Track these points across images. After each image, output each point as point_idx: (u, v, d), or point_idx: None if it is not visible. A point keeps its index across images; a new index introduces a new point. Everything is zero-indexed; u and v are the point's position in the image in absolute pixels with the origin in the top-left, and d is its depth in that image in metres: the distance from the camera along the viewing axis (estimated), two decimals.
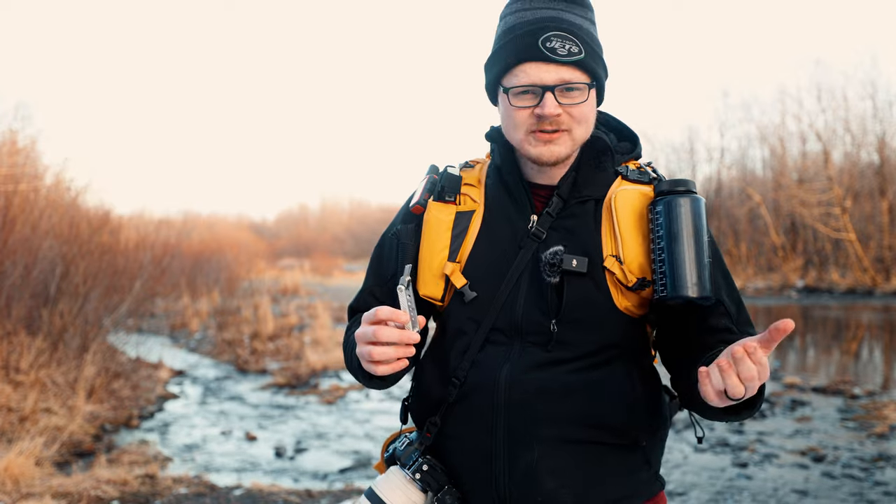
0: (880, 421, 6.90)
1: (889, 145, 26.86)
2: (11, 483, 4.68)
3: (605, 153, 1.39)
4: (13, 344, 7.10)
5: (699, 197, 1.30)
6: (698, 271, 1.25)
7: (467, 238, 1.37)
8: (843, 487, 5.12)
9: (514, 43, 1.30)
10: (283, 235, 58.44)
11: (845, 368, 10.29)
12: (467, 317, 1.35)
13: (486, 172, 1.44)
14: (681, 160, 34.89)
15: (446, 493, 1.33)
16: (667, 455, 5.93)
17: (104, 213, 10.59)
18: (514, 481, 1.29)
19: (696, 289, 1.25)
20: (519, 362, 1.30)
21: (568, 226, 1.35)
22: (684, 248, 1.25)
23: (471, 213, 1.39)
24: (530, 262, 1.33)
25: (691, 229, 1.26)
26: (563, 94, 1.28)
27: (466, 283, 1.34)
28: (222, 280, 18.87)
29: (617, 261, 1.30)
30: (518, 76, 1.29)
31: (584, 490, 1.31)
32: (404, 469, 1.36)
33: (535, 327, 1.31)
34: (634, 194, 1.34)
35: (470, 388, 1.33)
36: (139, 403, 7.78)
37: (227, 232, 37.88)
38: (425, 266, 1.37)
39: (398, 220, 1.47)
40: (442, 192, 1.39)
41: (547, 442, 1.29)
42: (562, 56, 1.27)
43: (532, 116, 1.30)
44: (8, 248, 7.29)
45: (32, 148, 9.24)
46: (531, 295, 1.32)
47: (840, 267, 27.09)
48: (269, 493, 4.88)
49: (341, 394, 8.59)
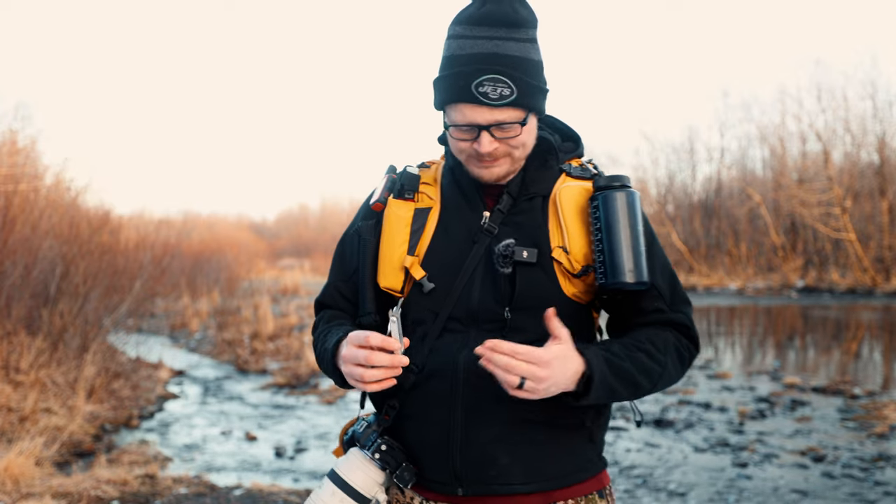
0: (880, 421, 6.90)
1: (889, 145, 26.87)
2: (11, 483, 4.68)
3: (550, 153, 1.49)
4: (13, 344, 7.10)
5: (634, 191, 1.40)
6: (634, 259, 1.36)
7: (425, 233, 1.47)
8: (843, 487, 5.12)
9: (451, 81, 1.38)
10: (283, 235, 58.43)
11: (845, 368, 10.30)
12: (425, 307, 1.44)
13: (441, 172, 1.54)
14: (681, 160, 34.91)
15: (404, 469, 1.41)
16: (667, 455, 5.94)
17: (104, 213, 10.60)
18: (470, 457, 1.38)
19: (632, 275, 1.36)
20: (476, 347, 1.37)
21: (517, 221, 1.45)
22: (620, 238, 1.36)
23: (428, 209, 1.49)
24: (484, 255, 1.43)
25: (626, 220, 1.37)
26: (498, 131, 1.38)
27: (425, 276, 1.43)
28: (222, 280, 18.88)
29: (563, 251, 1.41)
30: (456, 114, 1.39)
31: (535, 466, 1.40)
32: (364, 450, 1.43)
33: (490, 315, 1.41)
34: (577, 190, 1.45)
35: (429, 372, 1.41)
36: (139, 403, 7.78)
37: (227, 232, 37.90)
38: (386, 259, 1.46)
39: (359, 218, 1.56)
40: (402, 190, 1.50)
41: (502, 421, 1.38)
42: (493, 100, 1.35)
43: (472, 147, 1.40)
44: (8, 248, 7.29)
45: (32, 148, 9.25)
46: (486, 285, 1.42)
47: (840, 267, 27.09)
48: (269, 493, 4.88)
49: (341, 394, 8.59)
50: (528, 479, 1.39)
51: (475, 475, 1.38)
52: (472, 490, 1.39)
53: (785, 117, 30.34)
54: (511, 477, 1.38)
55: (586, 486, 1.45)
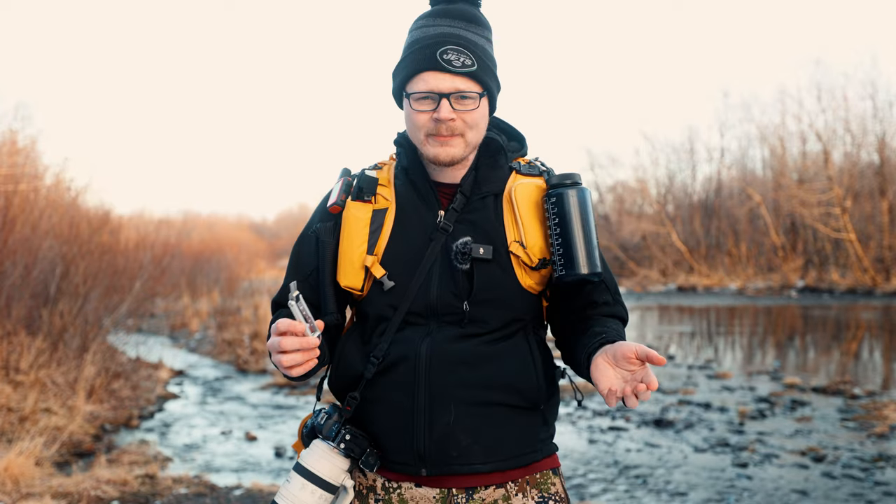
0: (880, 421, 6.90)
1: (889, 145, 26.87)
2: (11, 483, 4.68)
3: (500, 152, 1.57)
4: (13, 344, 7.10)
5: (585, 188, 1.49)
6: (588, 252, 1.45)
7: (383, 233, 1.52)
8: (843, 487, 5.12)
9: (416, 54, 1.47)
10: (283, 235, 58.37)
11: (845, 368, 10.30)
12: (386, 303, 1.50)
13: (393, 173, 1.59)
14: (681, 160, 34.92)
15: (369, 455, 1.48)
16: (667, 455, 5.94)
17: (104, 213, 10.61)
18: (432, 439, 1.44)
19: (587, 267, 1.45)
20: (438, 336, 1.47)
21: (471, 219, 1.52)
22: (575, 232, 1.45)
23: (384, 210, 1.54)
24: (441, 251, 1.50)
25: (580, 216, 1.46)
26: (457, 101, 1.46)
27: (385, 274, 1.49)
28: (222, 280, 18.88)
29: (521, 245, 1.49)
30: (418, 83, 1.47)
31: (493, 446, 1.47)
32: (328, 441, 1.49)
33: (449, 308, 1.48)
34: (530, 187, 1.53)
35: (391, 362, 1.48)
36: (139, 403, 7.78)
37: (227, 232, 37.89)
38: (346, 260, 1.52)
39: (315, 220, 1.61)
40: (360, 192, 1.55)
41: (463, 404, 1.45)
42: (456, 67, 1.45)
43: (431, 121, 1.47)
44: (8, 248, 7.29)
45: (32, 148, 9.25)
46: (443, 280, 1.49)
47: (840, 267, 27.09)
48: (269, 493, 4.88)
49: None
50: (487, 459, 1.47)
51: (438, 456, 1.45)
52: (435, 470, 1.45)
53: (785, 117, 30.36)
54: (471, 457, 1.45)
55: (541, 465, 1.54)
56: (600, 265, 1.48)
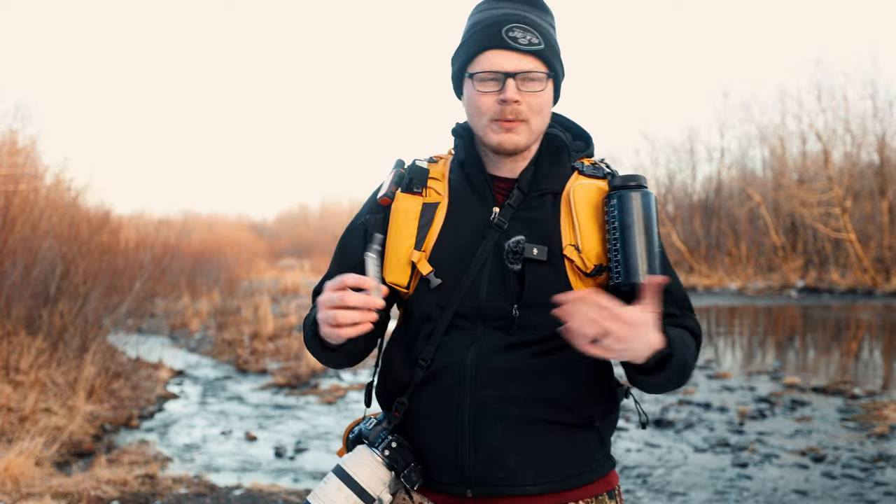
0: (880, 421, 6.90)
1: (889, 145, 26.85)
2: (11, 483, 4.68)
3: (563, 150, 1.48)
4: (13, 344, 7.10)
5: (650, 191, 1.39)
6: (649, 260, 1.34)
7: (432, 228, 1.43)
8: (843, 487, 5.12)
9: (480, 34, 1.39)
10: (283, 235, 58.39)
11: (845, 368, 10.29)
12: (433, 303, 1.41)
13: (448, 167, 1.51)
14: (681, 160, 34.91)
15: (412, 470, 1.38)
16: (667, 455, 5.94)
17: (104, 213, 10.60)
18: (478, 458, 1.35)
19: (648, 276, 1.33)
20: (484, 345, 1.37)
21: (528, 217, 1.42)
22: (636, 238, 1.34)
23: (436, 204, 1.45)
24: (492, 250, 1.41)
25: (642, 221, 1.36)
26: (523, 83, 1.37)
27: (432, 271, 1.40)
28: (222, 280, 18.87)
29: (576, 249, 1.39)
30: (482, 63, 1.38)
31: (544, 466, 1.37)
32: (372, 448, 1.40)
33: (498, 312, 1.38)
34: (591, 188, 1.43)
35: (437, 370, 1.39)
36: (139, 403, 7.78)
37: (227, 232, 37.88)
38: (392, 254, 1.43)
39: (365, 211, 1.53)
40: (410, 184, 1.46)
41: (511, 421, 1.35)
42: (523, 45, 1.36)
43: (495, 104, 1.38)
44: (8, 248, 7.29)
45: (32, 148, 9.25)
46: (494, 281, 1.39)
47: (840, 267, 27.08)
48: (269, 493, 4.88)
49: (341, 394, 8.59)
50: (538, 480, 1.37)
51: (484, 477, 1.35)
52: (482, 492, 1.36)
53: (785, 117, 30.34)
54: (521, 478, 1.36)
55: (596, 486, 1.44)
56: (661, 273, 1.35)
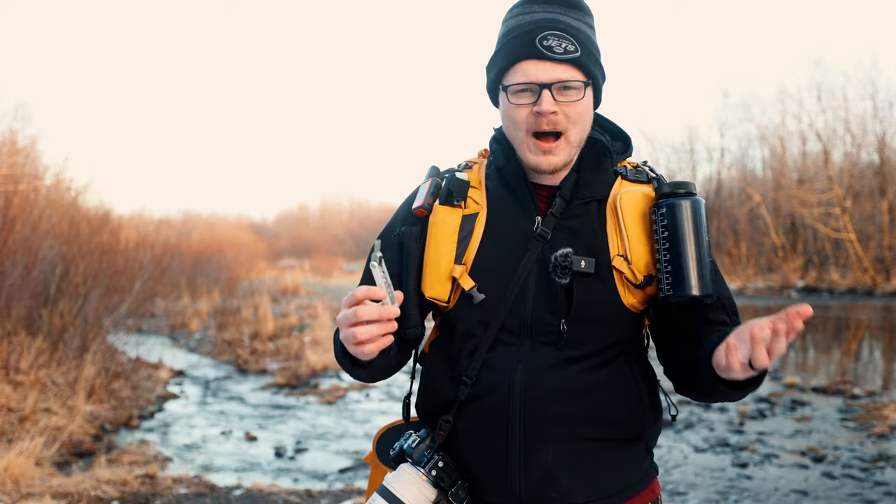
0: (880, 421, 6.90)
1: (889, 145, 26.84)
2: (11, 483, 4.67)
3: (604, 154, 1.42)
4: (13, 344, 7.10)
5: (700, 199, 1.33)
6: (700, 271, 1.30)
7: (472, 240, 1.38)
8: (843, 487, 5.11)
9: (513, 43, 1.33)
10: (283, 235, 58.38)
11: (845, 368, 10.29)
12: (476, 318, 1.36)
13: (484, 173, 1.45)
14: (681, 160, 34.89)
15: (459, 487, 1.36)
16: (667, 455, 5.94)
17: (104, 213, 10.60)
18: (530, 479, 1.32)
19: (700, 288, 1.30)
20: (533, 362, 1.33)
21: (572, 226, 1.37)
22: (687, 249, 1.29)
23: (475, 215, 1.39)
24: (537, 262, 1.35)
25: (693, 231, 1.30)
26: (559, 93, 1.31)
27: (475, 286, 1.35)
28: (222, 280, 18.86)
29: (625, 260, 1.34)
30: (516, 74, 1.33)
31: (595, 483, 1.35)
32: (417, 467, 1.37)
33: (546, 327, 1.33)
34: (638, 195, 1.37)
35: (484, 388, 1.34)
36: (139, 403, 7.77)
37: (227, 232, 37.86)
38: (432, 269, 1.38)
39: (398, 221, 1.46)
40: (450, 195, 1.40)
41: (561, 440, 1.32)
42: (558, 54, 1.30)
43: (530, 115, 1.32)
44: (8, 248, 7.28)
45: (32, 148, 9.24)
46: (540, 295, 1.34)
47: (840, 267, 27.07)
48: (269, 493, 4.88)
49: (341, 394, 8.59)
50: (590, 498, 1.35)
51: (535, 497, 1.32)
52: None
53: (785, 117, 30.33)
54: (573, 497, 1.34)
55: (642, 497, 1.42)
56: (714, 284, 1.32)
